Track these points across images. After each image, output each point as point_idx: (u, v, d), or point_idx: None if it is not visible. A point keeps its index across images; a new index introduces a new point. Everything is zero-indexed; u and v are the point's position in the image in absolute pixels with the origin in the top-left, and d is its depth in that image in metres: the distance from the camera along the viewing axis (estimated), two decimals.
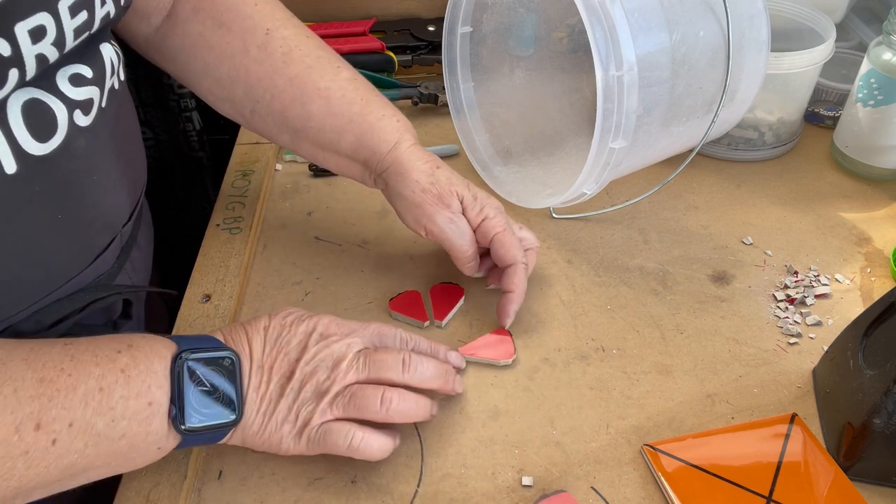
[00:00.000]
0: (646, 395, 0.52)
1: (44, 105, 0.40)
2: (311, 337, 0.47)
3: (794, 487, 0.45)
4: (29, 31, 0.37)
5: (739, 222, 0.67)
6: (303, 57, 0.56)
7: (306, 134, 0.57)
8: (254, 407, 0.44)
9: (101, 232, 0.49)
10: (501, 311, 0.56)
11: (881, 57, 0.66)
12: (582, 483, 0.47)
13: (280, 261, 0.64)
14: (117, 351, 0.40)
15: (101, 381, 0.39)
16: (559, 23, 0.74)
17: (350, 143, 0.56)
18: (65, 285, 0.46)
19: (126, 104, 0.52)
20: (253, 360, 0.45)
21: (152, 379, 0.41)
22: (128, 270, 0.53)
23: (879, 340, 0.47)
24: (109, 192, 0.49)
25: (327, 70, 0.56)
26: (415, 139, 0.57)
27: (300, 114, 0.56)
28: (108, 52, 0.46)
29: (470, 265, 0.57)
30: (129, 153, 0.52)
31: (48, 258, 0.44)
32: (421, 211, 0.55)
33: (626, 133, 0.55)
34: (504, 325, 0.56)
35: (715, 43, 0.59)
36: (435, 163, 0.56)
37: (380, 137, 0.56)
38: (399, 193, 0.56)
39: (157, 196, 1.02)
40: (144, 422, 0.40)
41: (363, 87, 0.57)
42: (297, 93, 0.55)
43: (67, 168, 0.43)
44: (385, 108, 0.57)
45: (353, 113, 0.56)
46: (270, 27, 0.56)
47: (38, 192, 0.41)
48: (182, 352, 0.42)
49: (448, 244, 0.56)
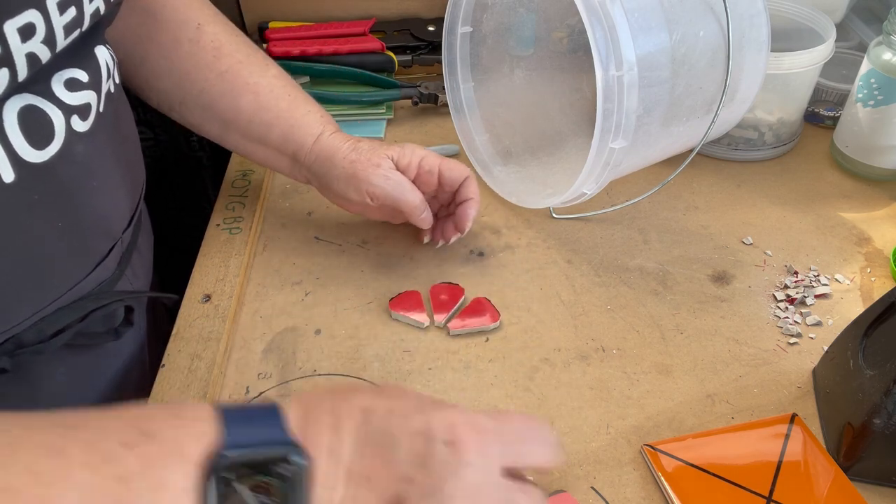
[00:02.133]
0: (646, 395, 0.52)
1: (40, 111, 0.40)
2: (434, 446, 0.32)
3: (794, 487, 0.45)
4: (18, 29, 0.36)
5: (739, 222, 0.67)
6: (233, 52, 0.58)
7: (236, 126, 0.59)
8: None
9: (102, 238, 0.48)
10: (463, 215, 0.60)
11: (881, 57, 0.66)
12: (582, 483, 0.47)
13: (280, 261, 0.64)
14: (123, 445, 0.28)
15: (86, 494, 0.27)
16: (559, 23, 0.74)
17: (278, 136, 0.59)
18: (66, 293, 0.45)
19: (123, 107, 0.51)
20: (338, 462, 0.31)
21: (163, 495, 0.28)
22: (129, 276, 0.53)
23: (879, 340, 0.47)
24: (109, 198, 0.48)
25: (256, 67, 0.59)
26: (336, 129, 0.60)
27: (230, 107, 0.58)
28: (103, 55, 0.45)
29: (423, 216, 0.59)
30: (128, 157, 0.52)
31: (49, 266, 0.44)
32: (356, 179, 0.57)
33: (626, 133, 0.55)
34: (464, 229, 0.60)
35: (715, 43, 0.59)
36: (356, 139, 0.59)
37: (305, 131, 0.58)
38: (332, 175, 0.58)
39: (157, 196, 1.02)
40: None
41: (290, 85, 0.60)
42: (228, 87, 0.58)
43: (66, 175, 0.42)
44: (309, 104, 0.60)
45: (280, 108, 0.58)
46: (202, 21, 0.58)
47: (38, 200, 0.41)
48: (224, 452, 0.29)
49: (392, 199, 0.57)
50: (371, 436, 0.32)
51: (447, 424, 0.32)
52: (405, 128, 0.79)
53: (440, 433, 0.32)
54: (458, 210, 0.60)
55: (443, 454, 0.31)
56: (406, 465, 0.31)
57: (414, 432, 0.32)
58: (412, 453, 0.31)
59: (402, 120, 0.81)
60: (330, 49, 0.82)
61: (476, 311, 0.58)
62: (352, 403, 0.33)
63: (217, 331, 0.56)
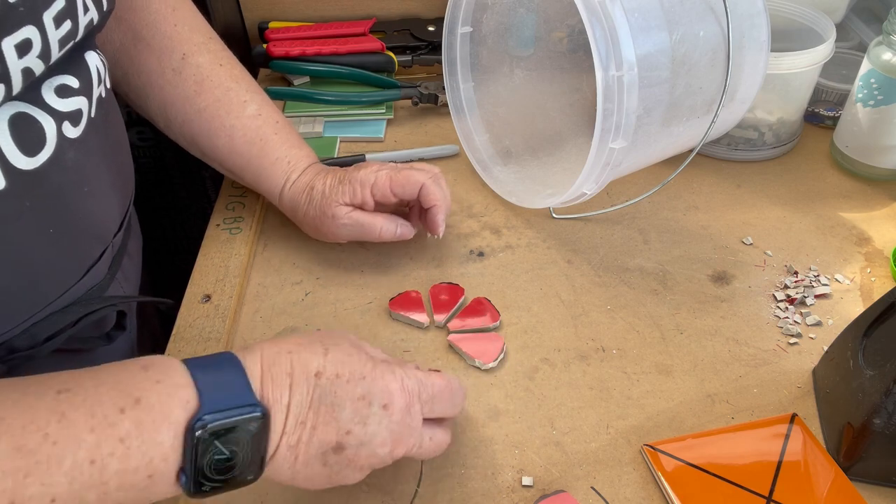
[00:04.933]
0: (646, 395, 0.52)
1: (30, 118, 0.39)
2: (370, 408, 0.40)
3: (794, 487, 0.45)
4: (15, 46, 0.36)
5: (739, 222, 0.67)
6: (213, 89, 0.59)
7: (213, 159, 0.62)
8: (285, 463, 0.39)
9: (93, 243, 0.48)
10: (431, 223, 0.60)
11: (881, 57, 0.66)
12: (582, 483, 0.47)
13: (280, 261, 0.64)
14: (119, 410, 0.34)
15: (95, 451, 0.33)
16: (559, 23, 0.74)
17: (251, 180, 0.62)
18: (58, 299, 0.46)
19: (113, 112, 0.51)
20: (290, 414, 0.38)
21: (156, 451, 0.34)
22: (119, 280, 0.53)
23: (879, 340, 0.47)
24: (100, 203, 0.48)
25: (234, 106, 0.60)
26: (302, 168, 0.61)
27: (207, 144, 0.61)
28: (93, 61, 0.45)
29: (398, 234, 0.60)
30: (119, 162, 0.52)
31: (41, 272, 0.44)
32: (321, 232, 0.61)
33: (626, 133, 0.55)
34: (438, 234, 0.60)
35: (715, 43, 0.59)
36: (310, 187, 0.60)
37: (272, 182, 0.61)
38: (301, 223, 0.62)
39: (157, 196, 1.03)
40: (144, 491, 0.35)
41: (266, 124, 0.61)
42: (205, 126, 0.60)
43: (58, 181, 0.42)
44: (280, 147, 0.61)
45: (251, 154, 0.61)
46: (187, 52, 0.59)
47: (29, 206, 0.41)
48: (202, 415, 0.35)
49: (358, 238, 0.60)
50: (321, 398, 0.39)
51: (384, 392, 0.40)
52: (405, 128, 0.80)
53: (378, 399, 0.40)
54: (427, 217, 0.61)
55: (378, 415, 0.40)
56: (348, 422, 0.39)
57: (356, 398, 0.40)
58: (354, 413, 0.39)
59: (402, 120, 0.81)
60: (330, 49, 0.82)
61: (476, 311, 0.58)
62: (307, 367, 0.39)
63: (217, 331, 0.56)
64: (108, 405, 0.34)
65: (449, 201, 0.61)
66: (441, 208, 0.59)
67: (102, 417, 0.33)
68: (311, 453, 0.39)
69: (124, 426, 0.33)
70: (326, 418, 0.39)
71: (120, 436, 0.33)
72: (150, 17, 0.58)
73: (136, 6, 0.57)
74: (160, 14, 0.58)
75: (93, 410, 0.33)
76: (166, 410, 0.35)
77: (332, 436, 0.39)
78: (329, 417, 0.39)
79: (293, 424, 0.38)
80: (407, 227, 0.60)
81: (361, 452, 0.40)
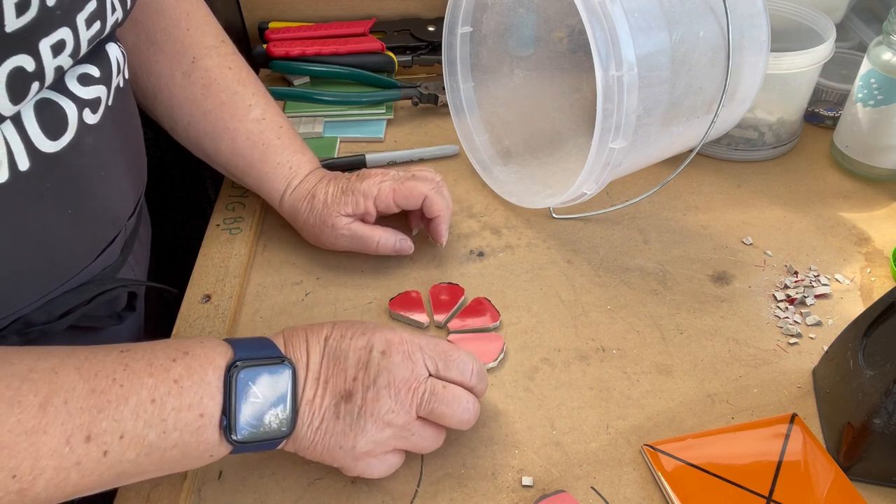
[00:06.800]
0: (646, 395, 0.52)
1: (55, 104, 0.41)
2: (371, 354, 0.44)
3: (794, 487, 0.45)
4: (51, 46, 0.38)
5: (739, 222, 0.67)
6: (219, 92, 0.60)
7: (217, 162, 0.63)
8: (305, 421, 0.43)
9: (108, 226, 0.50)
10: (435, 233, 0.62)
11: (881, 57, 0.66)
12: (582, 483, 0.47)
13: (280, 261, 0.64)
14: (172, 360, 0.40)
15: (154, 391, 0.38)
16: (559, 23, 0.74)
17: (252, 184, 0.63)
18: (74, 277, 0.47)
19: (129, 102, 0.53)
20: (309, 371, 0.44)
21: (205, 390, 0.40)
22: (130, 263, 0.55)
23: (879, 340, 0.47)
24: (115, 188, 0.50)
25: (238, 109, 0.61)
26: (304, 174, 0.62)
27: (211, 147, 0.62)
28: (114, 52, 0.47)
29: (397, 248, 0.61)
30: (133, 149, 0.53)
31: (58, 251, 0.46)
32: (321, 241, 0.62)
33: (626, 133, 0.55)
34: (441, 243, 0.62)
35: (715, 43, 0.59)
36: (311, 192, 0.61)
37: (273, 187, 0.62)
38: (302, 230, 0.63)
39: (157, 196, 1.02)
40: (196, 433, 0.40)
41: (269, 128, 0.62)
42: (210, 128, 0.61)
43: (77, 165, 0.44)
44: (283, 152, 0.62)
45: (253, 158, 0.61)
46: (196, 56, 0.60)
47: (50, 188, 0.42)
48: (237, 361, 0.41)
49: (357, 250, 0.61)
50: (330, 353, 0.44)
51: (384, 340, 0.45)
52: (405, 128, 0.80)
53: (378, 346, 0.44)
54: (430, 227, 0.62)
55: (377, 359, 0.44)
56: (353, 369, 0.44)
57: (359, 347, 0.44)
58: (357, 361, 0.44)
59: (402, 120, 0.81)
60: (330, 49, 0.82)
61: (476, 311, 0.58)
62: (318, 334, 0.45)
63: (217, 331, 0.56)
64: (162, 357, 0.40)
65: (451, 209, 0.62)
66: (444, 218, 0.61)
67: (159, 365, 0.39)
68: (326, 405, 0.43)
69: (177, 370, 0.40)
70: (336, 370, 0.44)
71: (174, 377, 0.39)
72: (164, 23, 0.59)
73: (152, 10, 0.58)
74: (174, 20, 0.59)
75: (150, 360, 0.39)
76: (210, 357, 0.41)
77: (341, 385, 0.43)
78: (338, 369, 0.44)
79: (312, 380, 0.43)
80: (407, 242, 0.61)
81: (368, 396, 0.43)
